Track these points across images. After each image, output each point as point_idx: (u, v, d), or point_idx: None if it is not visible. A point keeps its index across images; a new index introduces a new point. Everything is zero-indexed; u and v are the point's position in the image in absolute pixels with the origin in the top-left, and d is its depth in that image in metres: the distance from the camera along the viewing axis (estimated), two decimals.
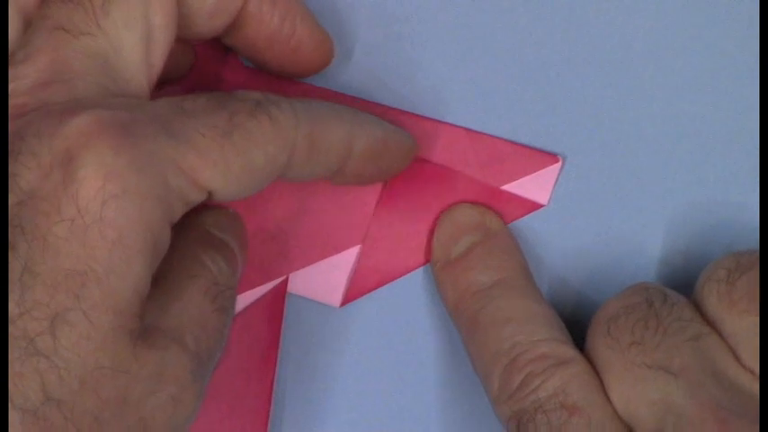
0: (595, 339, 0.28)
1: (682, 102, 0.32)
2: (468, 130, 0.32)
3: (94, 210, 0.23)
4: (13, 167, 0.23)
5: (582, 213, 0.32)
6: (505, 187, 0.32)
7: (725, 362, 0.26)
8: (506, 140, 0.32)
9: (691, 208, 0.32)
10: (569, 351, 0.28)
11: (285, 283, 0.32)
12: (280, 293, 0.32)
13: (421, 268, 0.32)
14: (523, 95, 0.32)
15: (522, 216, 0.32)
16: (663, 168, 0.32)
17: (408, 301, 0.32)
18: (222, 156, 0.25)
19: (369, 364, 0.32)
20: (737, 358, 0.26)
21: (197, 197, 0.25)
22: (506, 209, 0.32)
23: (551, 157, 0.32)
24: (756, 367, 0.26)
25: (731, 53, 0.31)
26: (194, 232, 0.28)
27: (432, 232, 0.32)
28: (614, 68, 0.32)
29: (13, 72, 0.26)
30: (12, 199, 0.23)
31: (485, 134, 0.32)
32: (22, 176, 0.23)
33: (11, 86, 0.25)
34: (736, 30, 0.31)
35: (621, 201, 0.32)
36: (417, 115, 0.32)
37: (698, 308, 0.27)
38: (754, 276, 0.26)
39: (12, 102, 0.25)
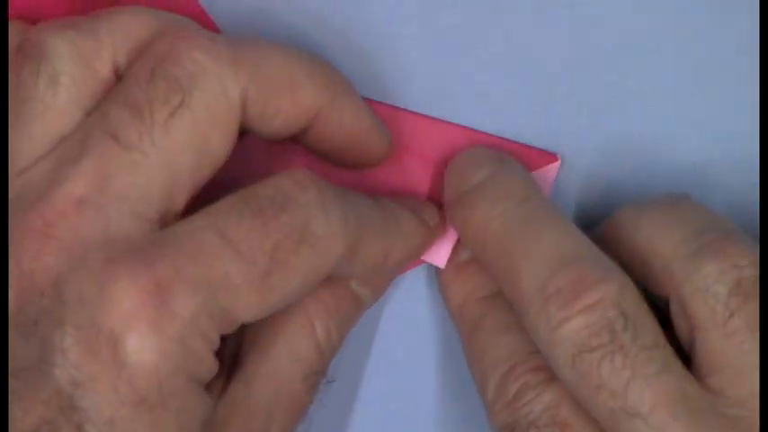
0: (562, 369, 0.26)
1: (681, 101, 0.31)
2: (466, 128, 0.32)
3: (154, 395, 0.23)
4: (58, 338, 0.23)
5: (580, 212, 0.32)
6: None
7: (693, 389, 0.26)
8: (505, 139, 0.32)
9: None
10: None
11: None
12: None
13: (421, 266, 0.32)
14: (522, 94, 0.32)
15: None
16: (661, 167, 0.32)
17: (408, 299, 0.33)
18: (259, 299, 0.25)
19: (367, 361, 0.33)
20: (704, 379, 0.26)
21: (231, 332, 0.25)
22: None
23: (550, 155, 0.32)
24: (728, 389, 0.26)
25: (731, 53, 0.31)
26: (329, 288, 0.28)
27: None
28: (613, 67, 0.31)
29: (60, 172, 0.25)
30: (62, 375, 0.23)
31: (483, 132, 0.32)
32: (72, 350, 0.23)
33: (53, 191, 0.24)
34: (736, 30, 0.31)
35: (620, 200, 0.32)
36: (415, 113, 0.32)
37: (679, 306, 0.27)
38: (754, 308, 0.26)
39: (42, 215, 0.24)
